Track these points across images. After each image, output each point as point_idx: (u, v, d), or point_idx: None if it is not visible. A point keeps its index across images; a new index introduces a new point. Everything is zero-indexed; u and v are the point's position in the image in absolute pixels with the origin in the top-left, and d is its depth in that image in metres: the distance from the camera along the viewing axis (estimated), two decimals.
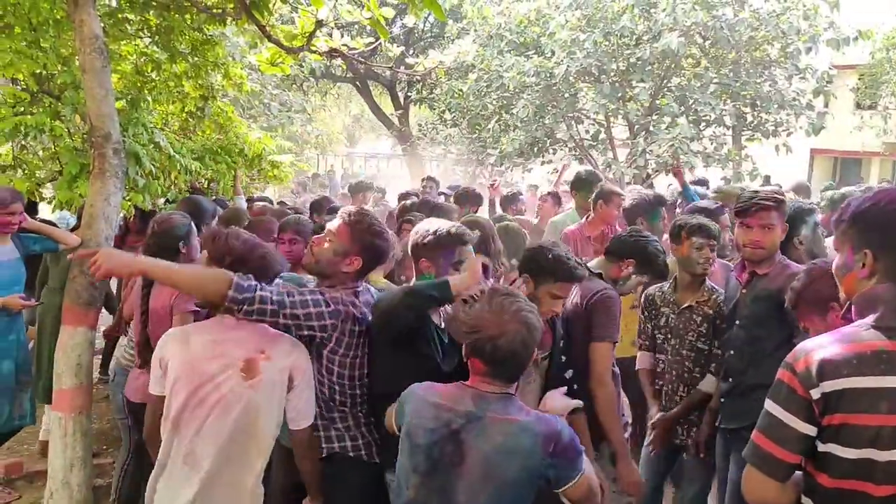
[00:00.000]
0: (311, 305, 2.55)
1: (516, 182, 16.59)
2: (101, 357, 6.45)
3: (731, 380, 3.30)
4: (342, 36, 5.44)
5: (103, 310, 4.62)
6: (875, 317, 1.65)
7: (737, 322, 3.31)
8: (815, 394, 1.62)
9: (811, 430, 1.64)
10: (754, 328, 3.19)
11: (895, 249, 1.67)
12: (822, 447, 1.65)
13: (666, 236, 4.03)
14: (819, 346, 1.66)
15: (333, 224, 2.79)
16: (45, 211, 6.16)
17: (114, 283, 6.27)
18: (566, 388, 3.03)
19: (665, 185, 11.94)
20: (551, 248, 2.88)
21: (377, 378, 2.76)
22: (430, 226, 2.94)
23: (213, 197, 6.58)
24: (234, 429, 2.48)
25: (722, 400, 3.37)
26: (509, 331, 2.03)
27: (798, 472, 1.74)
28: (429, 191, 8.81)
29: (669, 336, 3.67)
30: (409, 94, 19.75)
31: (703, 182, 6.16)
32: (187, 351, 2.51)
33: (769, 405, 1.71)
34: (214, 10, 5.06)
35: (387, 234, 2.81)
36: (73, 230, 4.94)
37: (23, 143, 5.65)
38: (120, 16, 5.35)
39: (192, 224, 3.78)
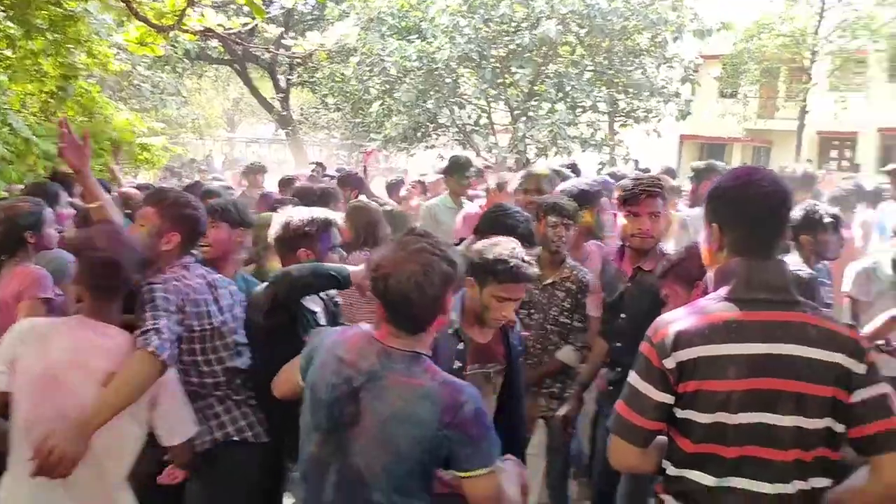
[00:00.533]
0: (172, 298, 2.49)
1: (399, 167, 16.60)
2: None
3: (618, 369, 3.38)
4: (216, 15, 5.24)
5: None
6: (727, 289, 1.76)
7: (622, 315, 3.38)
8: (670, 363, 1.71)
9: (668, 399, 1.73)
10: (641, 324, 3.24)
11: (739, 225, 1.78)
12: (681, 414, 1.73)
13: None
14: (675, 319, 1.77)
15: (142, 209, 2.76)
16: None
17: None
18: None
19: None
20: (491, 247, 2.61)
21: (258, 367, 2.72)
22: (299, 215, 2.92)
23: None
24: (94, 445, 2.33)
25: (611, 388, 3.45)
26: (402, 270, 1.87)
27: (662, 438, 1.84)
28: (316, 175, 8.67)
29: (533, 311, 3.74)
30: (289, 77, 19.33)
31: (572, 167, 6.35)
32: (45, 356, 2.29)
33: (631, 376, 1.81)
34: None
35: (195, 203, 2.80)
36: None
37: None
38: None
39: (46, 211, 3.50)
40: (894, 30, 20.40)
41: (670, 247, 3.43)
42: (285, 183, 6.77)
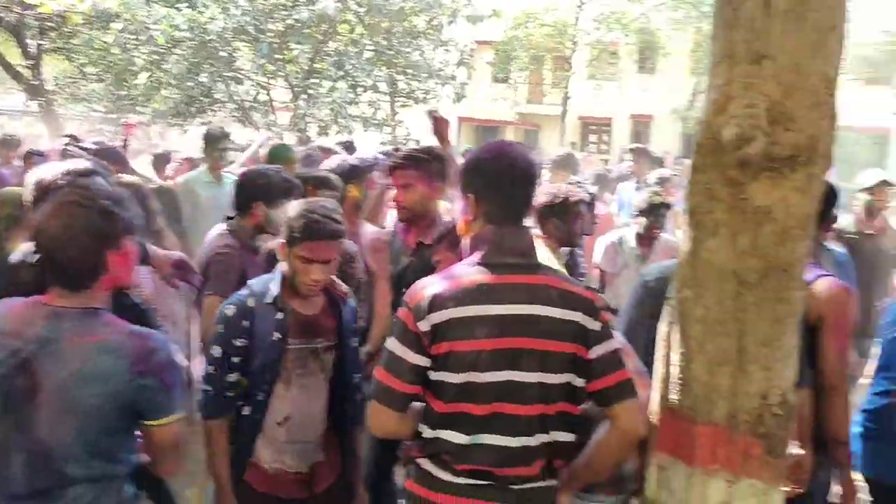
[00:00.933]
0: None
1: (172, 145, 15.65)
2: None
3: None
4: None
5: None
6: (480, 255, 1.86)
7: (403, 290, 3.38)
8: (424, 326, 1.78)
9: (423, 361, 1.80)
10: None
11: (493, 195, 1.88)
12: (434, 375, 1.81)
13: None
14: (430, 283, 1.85)
15: None
16: None
17: None
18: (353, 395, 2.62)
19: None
20: (297, 205, 2.42)
21: None
22: (52, 170, 2.60)
23: None
24: None
25: None
26: (49, 225, 1.77)
27: (418, 403, 1.91)
28: (70, 150, 7.90)
29: None
30: (41, 42, 17.40)
31: (347, 144, 6.37)
32: None
33: (389, 342, 1.86)
34: None
35: None
36: None
37: None
38: None
39: None
40: (643, 25, 22.64)
41: None
42: (29, 157, 6.14)
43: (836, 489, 2.57)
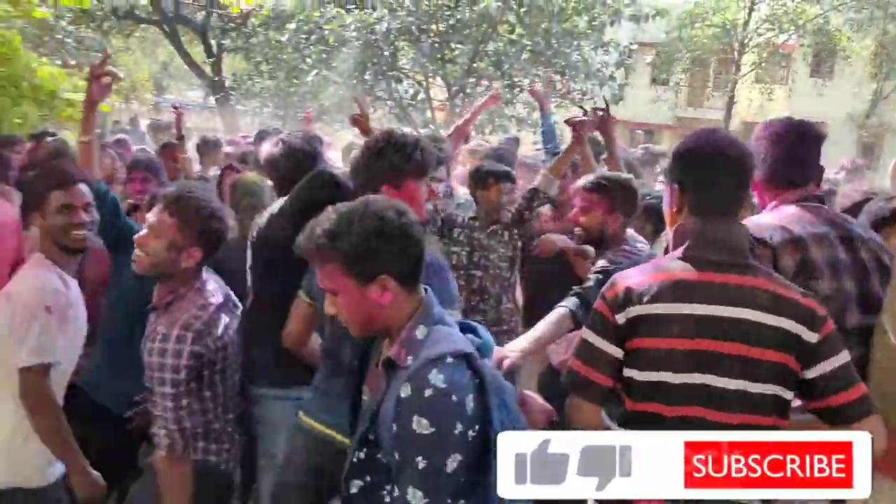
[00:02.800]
0: None
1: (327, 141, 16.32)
2: None
3: None
4: None
5: None
6: (682, 250, 1.77)
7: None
8: (621, 319, 1.73)
9: (619, 354, 1.74)
10: None
11: (698, 185, 1.78)
12: (625, 371, 1.75)
13: None
14: (629, 276, 1.78)
15: (154, 215, 2.23)
16: None
17: None
18: None
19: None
20: None
21: None
22: None
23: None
24: None
25: None
26: None
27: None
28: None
29: None
30: (222, 42, 18.75)
31: (514, 141, 6.46)
32: None
33: (585, 333, 1.81)
34: None
35: (221, 212, 2.35)
36: None
37: None
38: None
39: None
40: (818, 26, 21.18)
41: None
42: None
43: None
